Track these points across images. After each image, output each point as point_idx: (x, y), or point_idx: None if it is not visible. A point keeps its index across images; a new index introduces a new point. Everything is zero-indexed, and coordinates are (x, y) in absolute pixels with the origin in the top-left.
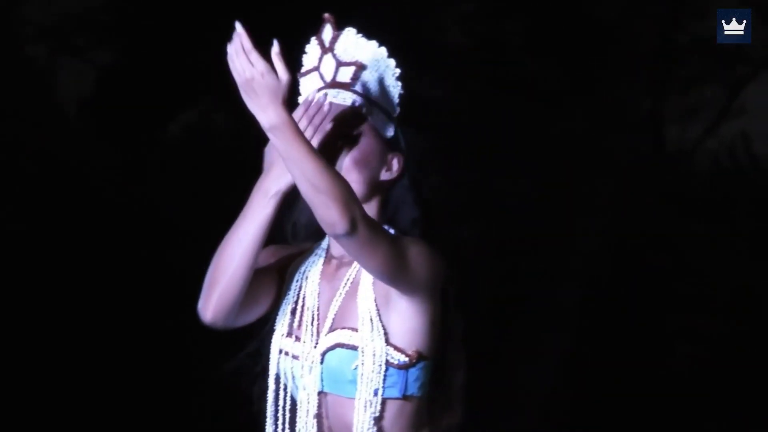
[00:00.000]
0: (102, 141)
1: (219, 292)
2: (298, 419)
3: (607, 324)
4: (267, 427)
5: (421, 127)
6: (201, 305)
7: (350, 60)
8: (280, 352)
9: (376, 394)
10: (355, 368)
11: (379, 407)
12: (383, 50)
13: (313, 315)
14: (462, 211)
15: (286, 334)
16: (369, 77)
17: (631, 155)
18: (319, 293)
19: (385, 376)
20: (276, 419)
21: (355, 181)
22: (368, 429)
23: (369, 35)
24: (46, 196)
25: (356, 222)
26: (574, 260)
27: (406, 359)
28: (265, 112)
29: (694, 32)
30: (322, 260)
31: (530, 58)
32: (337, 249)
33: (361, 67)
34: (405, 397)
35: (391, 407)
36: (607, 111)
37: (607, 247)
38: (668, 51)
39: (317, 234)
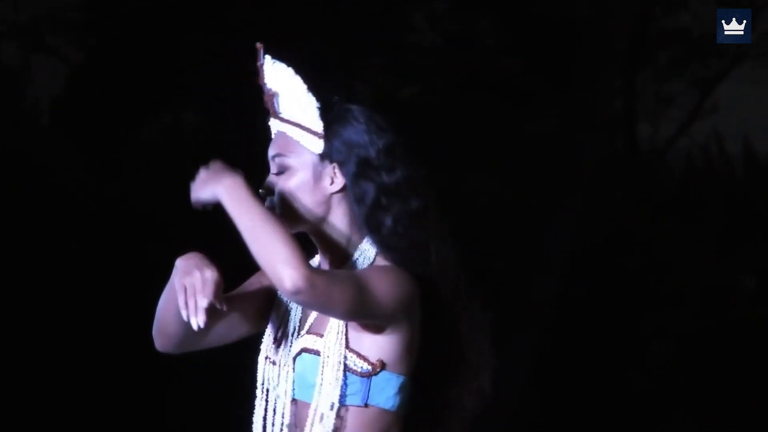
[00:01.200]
0: (75, 141)
1: (165, 334)
2: (273, 428)
3: (580, 322)
4: None
5: (392, 126)
6: (153, 333)
7: (271, 90)
8: (266, 359)
9: (332, 407)
10: (319, 374)
11: (332, 422)
12: (290, 70)
13: (294, 322)
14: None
15: (272, 342)
16: (286, 100)
17: (603, 153)
18: None
19: (346, 383)
20: (264, 428)
21: (305, 205)
22: None
23: (339, 34)
24: (18, 196)
25: (304, 282)
26: (546, 259)
27: (369, 368)
28: (218, 180)
29: (665, 30)
30: None
31: (502, 57)
32: (325, 262)
33: (275, 96)
34: (368, 407)
35: (355, 415)
36: (579, 110)
37: (579, 246)
38: (640, 49)
39: None
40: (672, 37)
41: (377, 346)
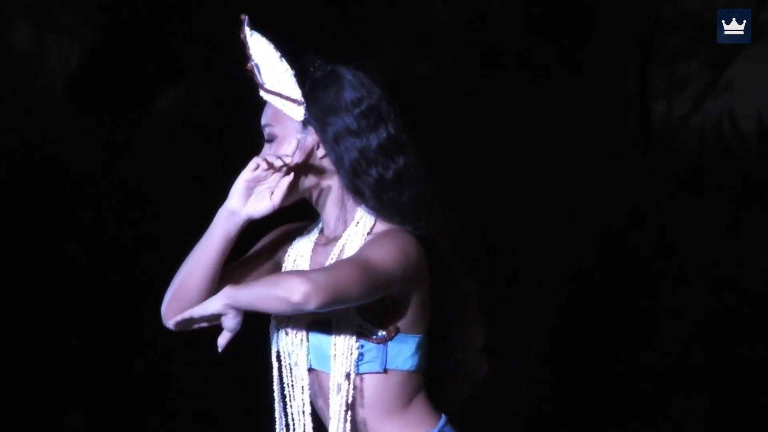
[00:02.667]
0: (89, 119)
1: (179, 306)
2: (295, 398)
3: (593, 300)
4: (276, 405)
5: (408, 104)
6: (163, 311)
7: (254, 61)
8: (278, 329)
9: (348, 377)
10: (332, 344)
11: (351, 391)
12: (264, 40)
13: None
14: (448, 186)
15: None
16: (266, 71)
17: (617, 131)
18: (310, 267)
19: (362, 351)
20: (283, 397)
21: (296, 172)
22: (343, 410)
23: (354, 13)
24: (29, 175)
25: (308, 286)
26: (559, 236)
27: (383, 333)
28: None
29: (678, 11)
30: (315, 237)
31: (516, 35)
32: (327, 227)
33: (256, 67)
34: (387, 372)
35: (376, 382)
36: (593, 88)
37: (592, 223)
38: (654, 28)
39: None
40: (685, 18)
41: (390, 312)
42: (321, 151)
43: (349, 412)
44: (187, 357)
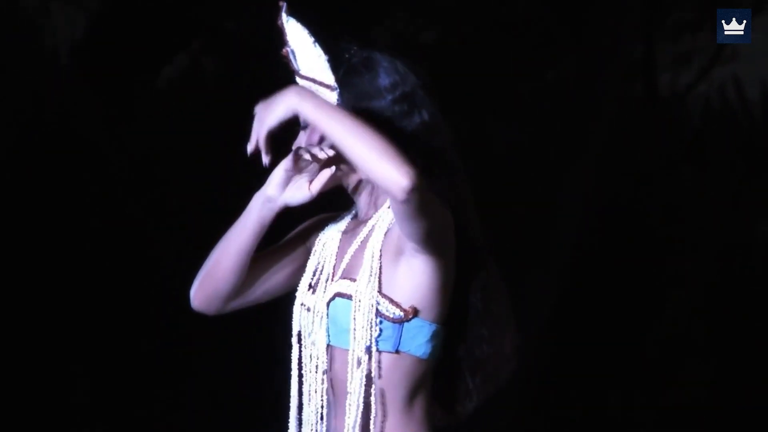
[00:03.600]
0: (94, 85)
1: (210, 288)
2: (308, 376)
3: (597, 269)
4: (292, 383)
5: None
6: (192, 293)
7: (290, 47)
8: (302, 306)
9: (368, 351)
10: (351, 318)
11: (372, 363)
12: (299, 26)
13: (328, 268)
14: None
15: (307, 289)
16: (301, 57)
17: (622, 100)
18: (338, 248)
19: (380, 329)
20: (300, 376)
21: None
22: (363, 384)
23: None
24: (36, 140)
25: (419, 181)
26: (564, 205)
27: (401, 313)
28: (285, 96)
29: None
30: (346, 223)
31: (522, 2)
32: (360, 213)
33: (291, 53)
34: (399, 353)
35: (386, 361)
36: (598, 56)
37: (597, 192)
38: None
39: None
40: None
41: (410, 291)
42: None
43: (367, 387)
44: (198, 332)
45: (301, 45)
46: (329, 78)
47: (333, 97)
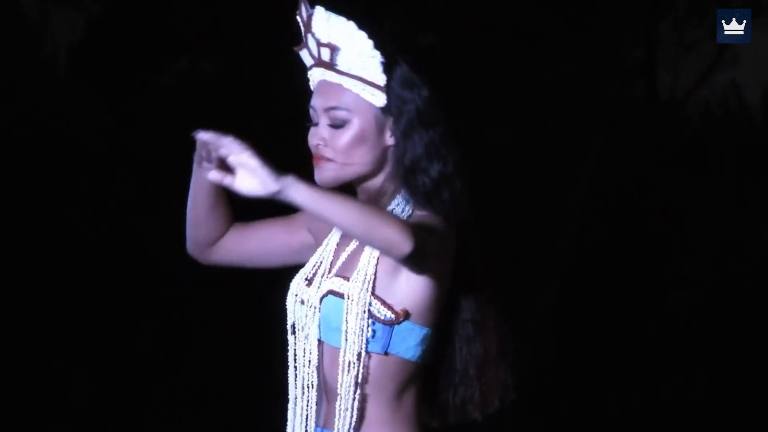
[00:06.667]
0: (92, 89)
1: (192, 232)
2: (301, 369)
3: (598, 271)
4: (289, 377)
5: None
6: (189, 250)
7: (325, 41)
8: (295, 297)
9: (359, 357)
10: (343, 320)
11: (360, 370)
12: (352, 24)
13: (325, 264)
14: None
15: (303, 280)
16: (347, 54)
17: (622, 102)
18: (336, 245)
19: (372, 330)
20: (296, 368)
21: (361, 155)
22: (352, 389)
23: None
24: (34, 143)
25: (415, 238)
26: (564, 207)
27: (392, 316)
28: (271, 180)
29: None
30: None
31: (522, 2)
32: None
33: (334, 49)
34: (388, 355)
35: (374, 362)
36: (598, 57)
37: (596, 194)
38: None
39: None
40: None
41: (404, 295)
42: (391, 140)
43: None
44: (196, 328)
45: (348, 42)
46: (380, 79)
47: (382, 97)
